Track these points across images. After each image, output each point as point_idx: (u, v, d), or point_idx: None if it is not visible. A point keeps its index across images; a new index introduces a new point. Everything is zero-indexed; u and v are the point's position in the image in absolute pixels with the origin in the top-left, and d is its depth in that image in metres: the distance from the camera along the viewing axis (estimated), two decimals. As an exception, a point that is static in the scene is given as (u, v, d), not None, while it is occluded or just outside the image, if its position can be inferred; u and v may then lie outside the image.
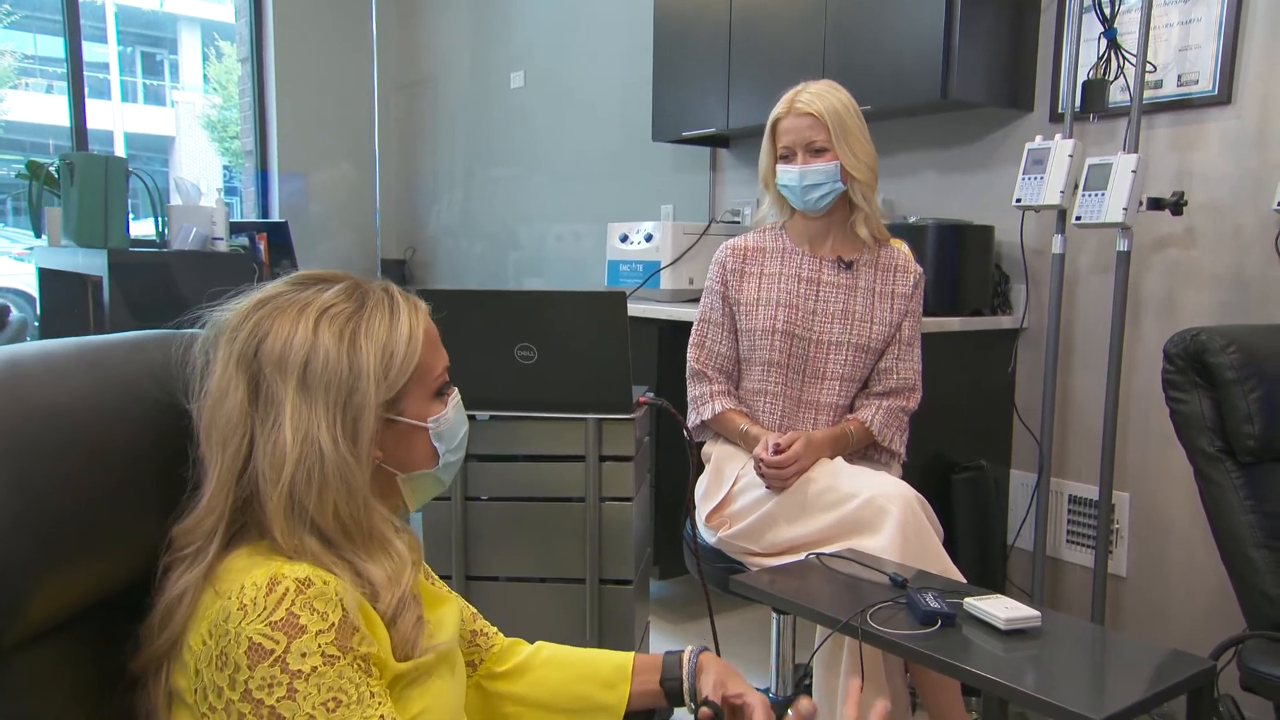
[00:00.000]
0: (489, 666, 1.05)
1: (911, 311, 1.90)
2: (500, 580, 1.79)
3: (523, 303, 1.76)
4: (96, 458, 0.76)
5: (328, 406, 0.78)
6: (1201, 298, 2.12)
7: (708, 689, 0.99)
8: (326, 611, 0.73)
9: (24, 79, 12.56)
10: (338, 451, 0.78)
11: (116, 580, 0.80)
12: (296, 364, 0.78)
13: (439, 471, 0.90)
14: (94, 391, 0.79)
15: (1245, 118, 2.03)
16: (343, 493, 0.78)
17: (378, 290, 0.85)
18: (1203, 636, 2.10)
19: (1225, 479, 1.56)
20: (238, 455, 0.78)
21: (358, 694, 0.73)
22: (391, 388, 0.82)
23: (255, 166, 4.95)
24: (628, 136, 3.62)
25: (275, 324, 0.80)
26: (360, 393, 0.79)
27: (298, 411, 0.77)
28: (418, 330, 0.85)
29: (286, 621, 0.71)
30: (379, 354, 0.81)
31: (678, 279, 2.90)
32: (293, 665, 0.71)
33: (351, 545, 0.80)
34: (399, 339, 0.83)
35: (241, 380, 0.79)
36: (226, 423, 0.78)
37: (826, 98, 1.79)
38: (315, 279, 0.85)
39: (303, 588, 0.73)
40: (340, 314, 0.81)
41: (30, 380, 0.75)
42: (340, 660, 0.73)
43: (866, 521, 1.64)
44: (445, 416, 0.89)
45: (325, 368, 0.79)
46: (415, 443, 0.87)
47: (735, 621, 2.60)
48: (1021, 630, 1.24)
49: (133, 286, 2.70)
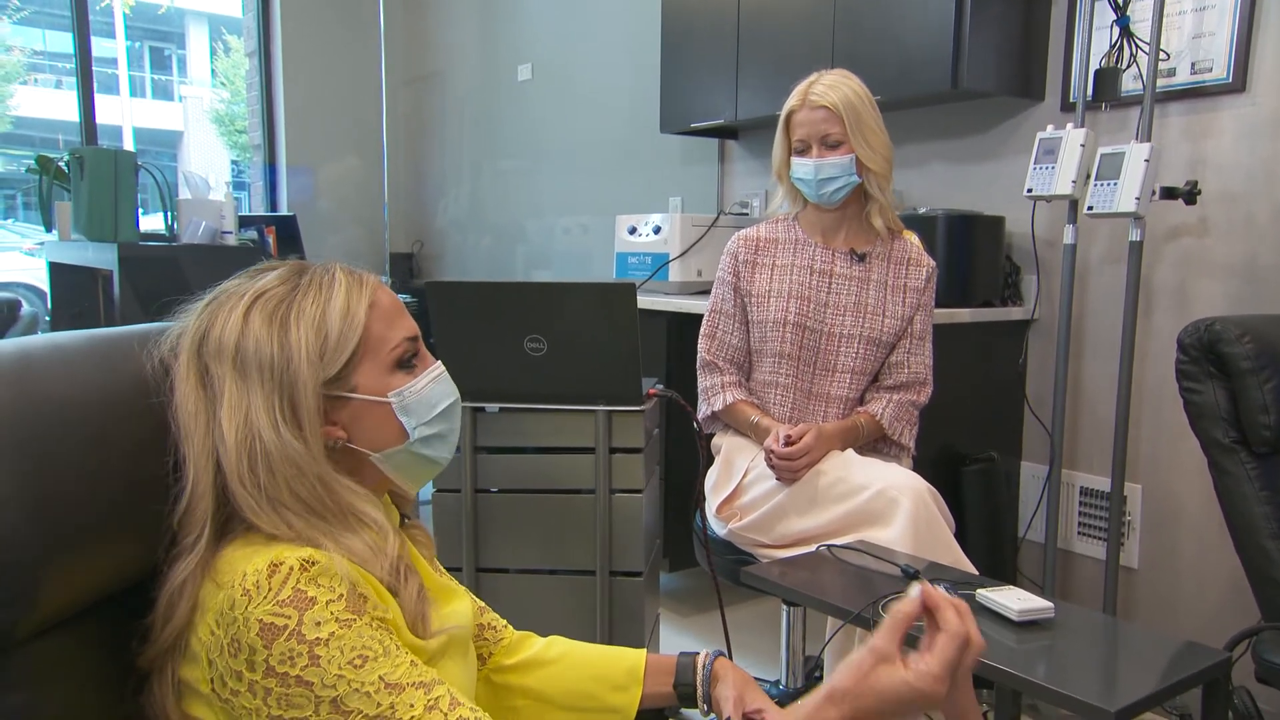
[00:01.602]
0: (498, 660, 1.05)
1: (924, 305, 1.89)
2: (510, 572, 1.79)
3: (532, 295, 1.75)
4: (107, 450, 0.76)
5: (264, 391, 0.79)
6: (1215, 288, 2.10)
7: (725, 702, 0.97)
8: (333, 585, 0.74)
9: (33, 74, 12.60)
10: (278, 435, 0.78)
11: (126, 572, 0.80)
12: (230, 352, 0.80)
13: (414, 446, 0.87)
14: (105, 384, 0.79)
15: (1260, 105, 2.01)
16: (293, 474, 0.79)
17: (317, 271, 0.85)
18: (1216, 629, 2.09)
19: (1240, 470, 1.55)
20: (204, 444, 0.79)
21: (382, 648, 0.74)
22: (332, 365, 0.82)
23: (263, 160, 4.95)
24: (635, 128, 3.61)
25: (217, 315, 0.82)
26: (293, 373, 0.80)
27: (234, 398, 0.79)
28: (358, 304, 0.84)
29: (295, 598, 0.72)
30: (311, 333, 0.81)
31: (686, 271, 2.89)
32: (309, 635, 0.71)
33: (325, 523, 0.80)
34: (333, 315, 0.82)
35: (192, 373, 0.81)
36: (186, 414, 0.80)
37: (841, 89, 1.78)
38: (265, 268, 0.86)
39: (307, 565, 0.74)
40: (273, 298, 0.82)
41: (42, 373, 0.75)
42: (357, 621, 0.73)
43: (877, 513, 1.63)
44: (412, 388, 0.86)
45: (257, 352, 0.79)
46: (378, 419, 0.85)
47: (746, 614, 2.60)
48: (1034, 621, 1.23)
49: (142, 280, 2.70)
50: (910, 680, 0.76)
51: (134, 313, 2.67)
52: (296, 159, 4.87)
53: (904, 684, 0.76)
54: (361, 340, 0.83)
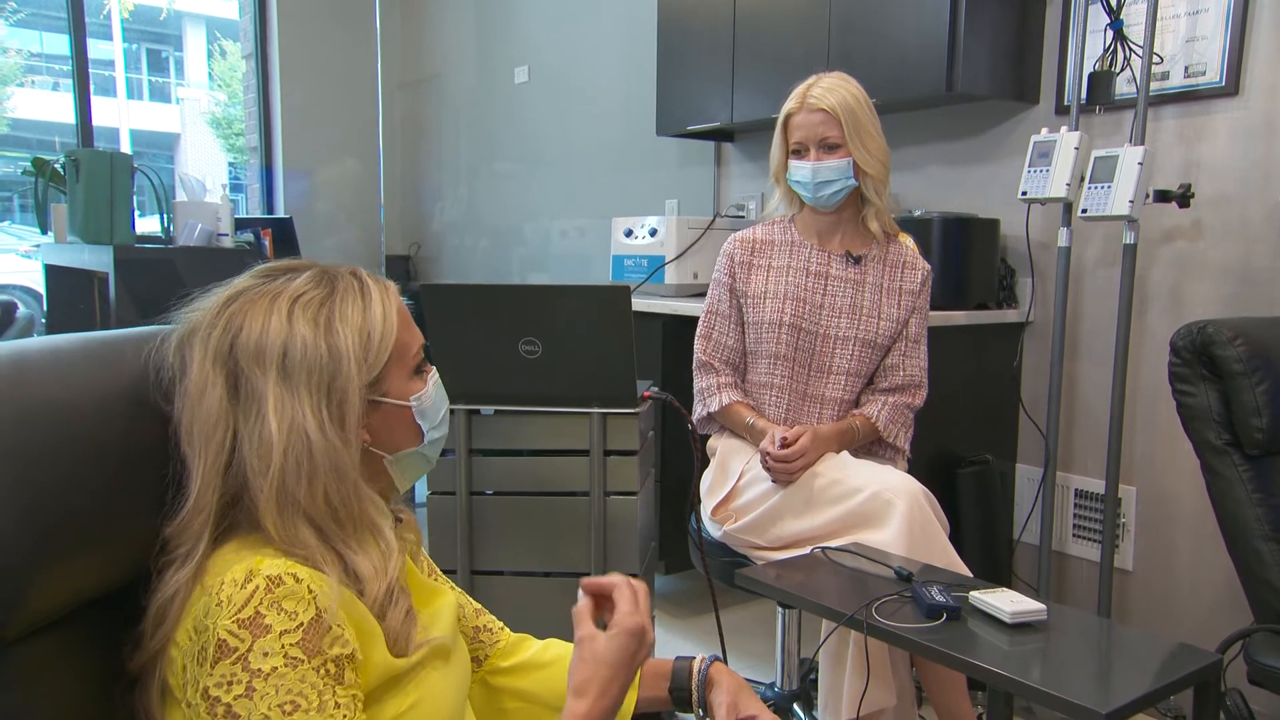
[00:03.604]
0: (494, 662, 1.05)
1: (919, 308, 1.90)
2: (505, 574, 1.79)
3: (527, 297, 1.76)
4: (101, 453, 0.76)
5: (311, 394, 0.78)
6: (1209, 290, 2.11)
7: (720, 707, 0.97)
8: (295, 611, 0.72)
9: (30, 76, 12.59)
10: (325, 438, 0.78)
11: (116, 576, 0.80)
12: (274, 354, 0.78)
13: (424, 449, 0.90)
14: (100, 387, 0.79)
15: (1253, 109, 2.02)
16: (333, 479, 0.78)
17: (346, 275, 0.85)
18: (1209, 630, 2.09)
19: (1232, 472, 1.55)
20: (221, 452, 0.78)
21: (319, 701, 0.71)
22: (373, 369, 0.83)
23: (260, 163, 4.95)
24: (632, 131, 3.61)
25: (248, 317, 0.80)
26: (343, 376, 0.80)
27: (280, 401, 0.78)
28: (391, 310, 0.85)
29: (253, 620, 0.71)
30: (357, 337, 0.81)
31: (682, 274, 2.89)
32: (254, 664, 0.70)
33: (343, 533, 0.79)
34: (374, 320, 0.83)
35: (219, 377, 0.79)
36: (206, 420, 0.78)
37: (839, 92, 1.78)
38: (282, 269, 0.85)
39: (272, 586, 0.72)
40: (313, 300, 0.81)
41: (36, 376, 0.75)
42: (304, 664, 0.71)
43: (872, 515, 1.63)
44: (426, 394, 0.89)
45: (304, 355, 0.79)
46: (399, 422, 0.87)
47: (741, 616, 2.60)
48: (1027, 624, 1.23)
49: (138, 283, 2.70)
50: (615, 633, 0.86)
51: (130, 315, 2.67)
52: (293, 162, 4.87)
53: (614, 637, 0.86)
54: (394, 346, 0.85)
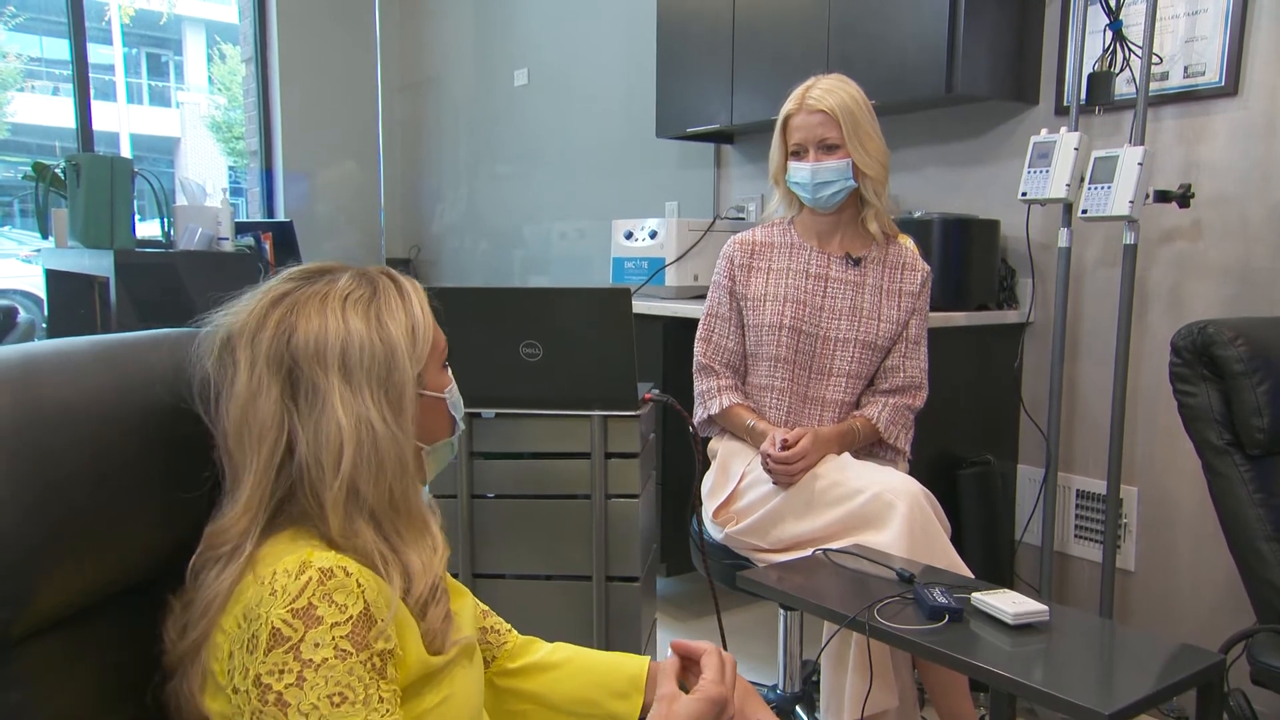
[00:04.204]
0: (501, 663, 1.05)
1: (919, 309, 1.90)
2: (506, 577, 1.79)
3: (528, 300, 1.76)
4: (108, 455, 0.77)
5: (372, 389, 0.81)
6: (1209, 290, 2.11)
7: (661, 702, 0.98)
8: (346, 604, 0.74)
9: (30, 81, 12.60)
10: (389, 430, 0.81)
11: (127, 576, 0.80)
12: (335, 353, 0.80)
13: (454, 439, 0.95)
14: (109, 390, 0.80)
15: (1253, 109, 2.02)
16: (397, 471, 0.81)
17: (379, 275, 0.88)
18: (1212, 631, 2.09)
19: (1234, 472, 1.55)
20: (274, 453, 0.79)
21: (365, 694, 0.73)
22: (419, 362, 0.86)
23: (260, 166, 4.95)
24: (632, 133, 3.61)
25: (299, 318, 0.81)
26: (399, 370, 0.83)
27: (345, 398, 0.79)
28: (426, 307, 0.89)
29: (306, 611, 0.72)
30: (405, 331, 0.84)
31: (682, 276, 2.89)
32: (305, 654, 0.72)
33: (398, 528, 0.82)
34: (416, 315, 0.86)
35: (274, 379, 0.79)
36: (261, 423, 0.79)
37: (838, 93, 1.78)
38: (319, 271, 0.86)
39: (325, 578, 0.74)
40: (361, 298, 0.83)
41: (46, 378, 0.76)
42: (353, 657, 0.73)
43: (873, 517, 1.63)
44: (453, 388, 0.95)
45: (363, 351, 0.81)
46: (436, 414, 0.91)
47: (742, 618, 2.60)
48: (1030, 625, 1.23)
49: (139, 287, 2.70)
50: (697, 698, 0.92)
51: (130, 319, 2.67)
52: (293, 165, 4.87)
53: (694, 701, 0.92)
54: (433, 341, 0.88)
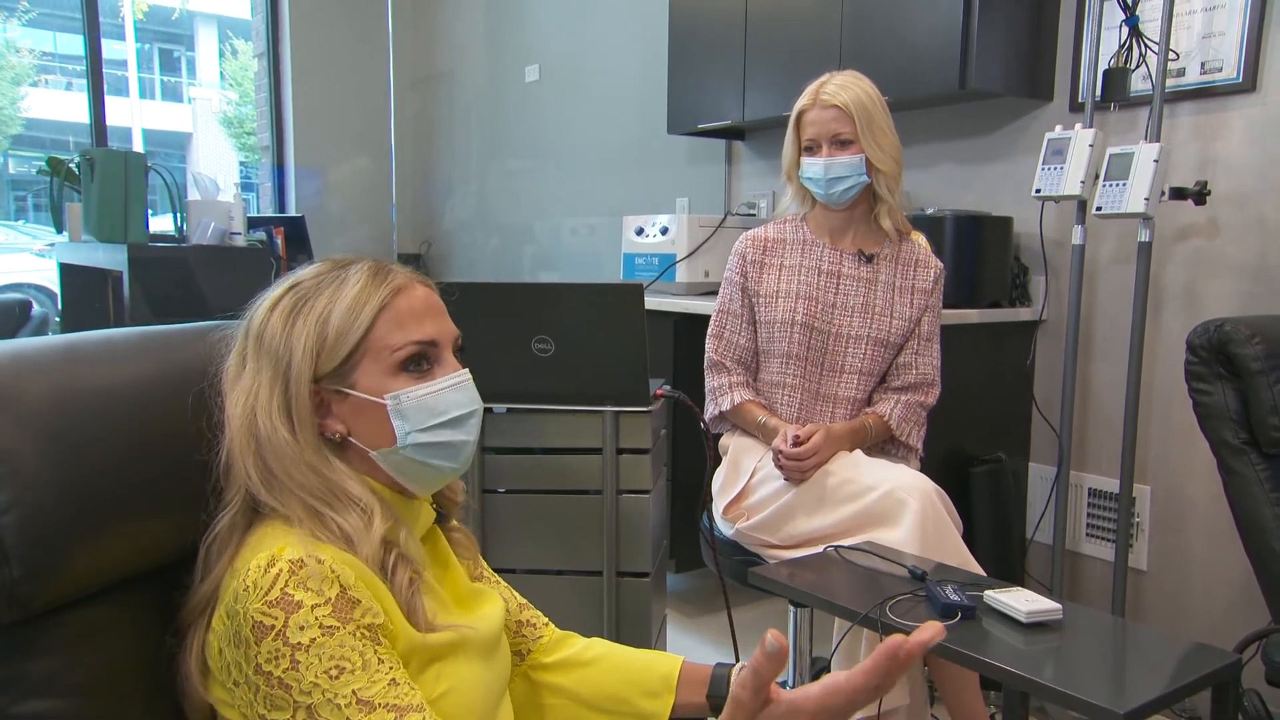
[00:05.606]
0: (536, 657, 1.06)
1: (931, 307, 1.89)
2: (518, 572, 1.79)
3: (540, 295, 1.76)
4: (143, 440, 0.80)
5: (268, 380, 0.83)
6: (1225, 288, 2.09)
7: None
8: (322, 588, 0.75)
9: (44, 76, 12.68)
10: (271, 422, 0.82)
11: (156, 553, 0.83)
12: (254, 335, 0.85)
13: (405, 451, 0.85)
14: (149, 378, 0.84)
15: (1270, 105, 2.00)
16: (283, 458, 0.82)
17: (354, 265, 0.87)
18: (1225, 631, 2.08)
19: (1250, 471, 1.54)
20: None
21: (361, 660, 0.74)
22: (329, 361, 0.84)
23: (272, 162, 4.97)
24: (643, 129, 3.61)
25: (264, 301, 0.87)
26: (293, 368, 0.83)
27: (247, 381, 0.84)
28: (366, 304, 0.84)
29: (282, 599, 0.73)
30: (314, 329, 0.84)
31: (693, 272, 2.89)
32: (292, 639, 0.73)
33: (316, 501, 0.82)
34: (338, 311, 0.84)
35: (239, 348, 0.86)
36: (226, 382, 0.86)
37: (852, 89, 1.78)
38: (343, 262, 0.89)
39: (295, 568, 0.75)
40: (300, 291, 0.85)
41: (87, 365, 0.80)
42: (340, 630, 0.74)
43: (885, 514, 1.63)
44: (412, 393, 0.85)
45: (270, 342, 0.84)
46: (375, 419, 0.85)
47: (753, 614, 2.60)
48: (1043, 623, 1.23)
49: (152, 281, 2.72)
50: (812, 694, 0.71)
51: (143, 313, 2.68)
52: (305, 160, 4.88)
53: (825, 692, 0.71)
54: (363, 340, 0.84)
